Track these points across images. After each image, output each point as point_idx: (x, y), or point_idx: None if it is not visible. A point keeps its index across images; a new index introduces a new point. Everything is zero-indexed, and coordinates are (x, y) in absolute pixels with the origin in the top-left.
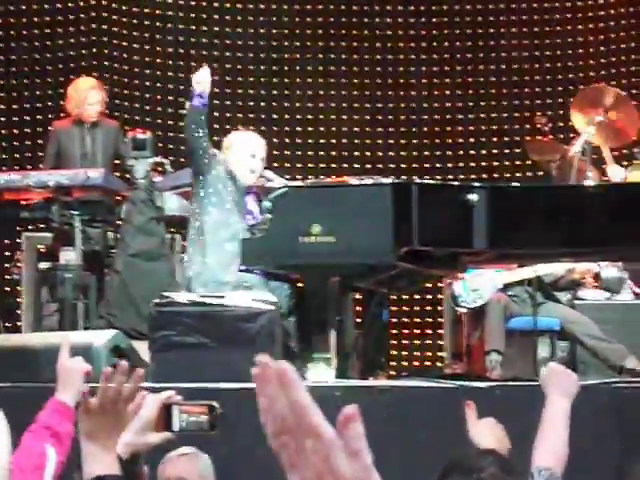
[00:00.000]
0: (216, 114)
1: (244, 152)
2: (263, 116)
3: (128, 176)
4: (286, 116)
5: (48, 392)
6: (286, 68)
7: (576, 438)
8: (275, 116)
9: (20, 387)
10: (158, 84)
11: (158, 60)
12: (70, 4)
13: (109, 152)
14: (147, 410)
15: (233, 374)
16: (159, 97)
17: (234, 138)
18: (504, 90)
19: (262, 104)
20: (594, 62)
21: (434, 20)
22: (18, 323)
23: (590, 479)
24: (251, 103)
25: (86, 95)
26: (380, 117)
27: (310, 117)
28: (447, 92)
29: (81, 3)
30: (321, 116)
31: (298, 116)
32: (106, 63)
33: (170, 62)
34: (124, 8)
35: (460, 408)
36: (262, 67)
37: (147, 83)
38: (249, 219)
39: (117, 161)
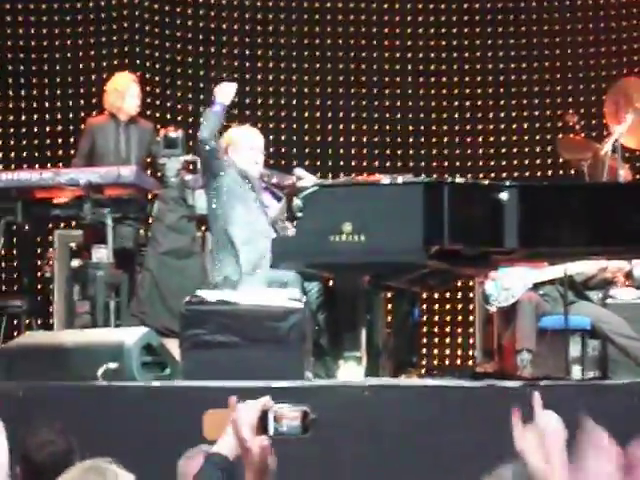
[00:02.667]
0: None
1: (244, 146)
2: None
3: (159, 174)
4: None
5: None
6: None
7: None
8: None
9: (53, 385)
10: (190, 82)
11: (189, 58)
12: (102, 2)
13: (143, 151)
14: (248, 416)
15: (263, 373)
16: (190, 95)
17: (232, 135)
18: (535, 88)
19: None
20: (627, 59)
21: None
22: (50, 321)
23: None
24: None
25: (127, 88)
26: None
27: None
28: (469, 90)
29: (113, 1)
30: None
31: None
32: (137, 62)
33: (201, 60)
34: (155, 7)
35: (491, 407)
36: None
37: (179, 82)
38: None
39: (149, 160)
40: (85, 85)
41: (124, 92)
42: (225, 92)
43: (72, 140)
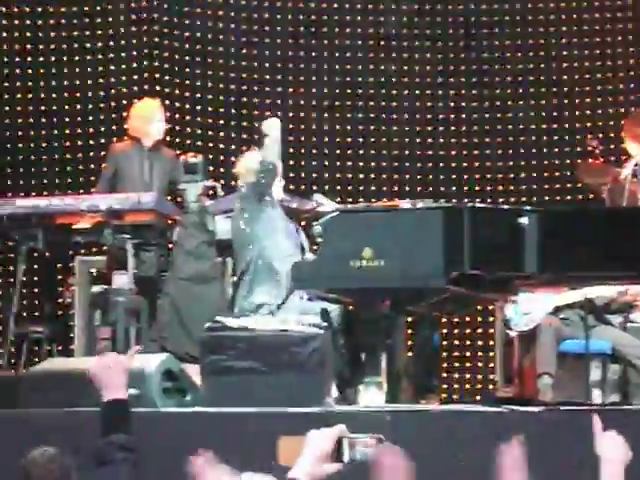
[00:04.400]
0: None
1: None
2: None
3: (180, 200)
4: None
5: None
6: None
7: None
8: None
9: (73, 412)
10: (209, 107)
11: (209, 84)
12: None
13: (165, 179)
14: (324, 443)
15: (285, 399)
16: (210, 120)
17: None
18: (554, 113)
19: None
20: None
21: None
22: (71, 347)
23: None
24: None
25: (154, 113)
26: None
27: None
28: (487, 114)
29: (133, 28)
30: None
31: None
32: (157, 88)
33: (221, 85)
34: (175, 32)
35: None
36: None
37: (197, 107)
38: None
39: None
40: (105, 111)
41: (151, 117)
42: (271, 127)
43: (92, 166)
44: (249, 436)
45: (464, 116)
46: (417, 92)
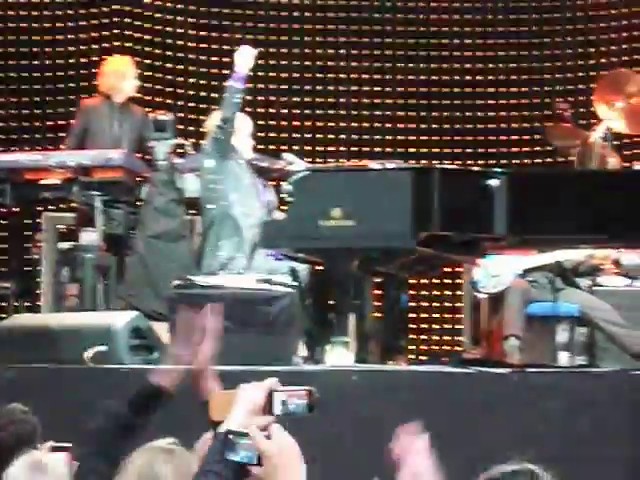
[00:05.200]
0: None
1: (244, 132)
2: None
3: (149, 157)
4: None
5: (66, 373)
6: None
7: (590, 424)
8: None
9: (39, 368)
10: (179, 65)
11: (179, 42)
12: None
13: (134, 135)
14: (256, 396)
15: (252, 357)
16: (180, 79)
17: (238, 119)
18: (524, 76)
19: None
20: (616, 48)
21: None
22: (38, 303)
23: (600, 466)
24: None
25: (127, 69)
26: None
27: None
28: (457, 77)
29: None
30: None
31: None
32: (127, 44)
33: (190, 44)
34: None
35: (478, 393)
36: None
37: (167, 65)
38: None
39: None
40: (75, 68)
41: (124, 73)
42: (246, 57)
43: (61, 123)
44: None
45: (435, 78)
46: (377, 52)
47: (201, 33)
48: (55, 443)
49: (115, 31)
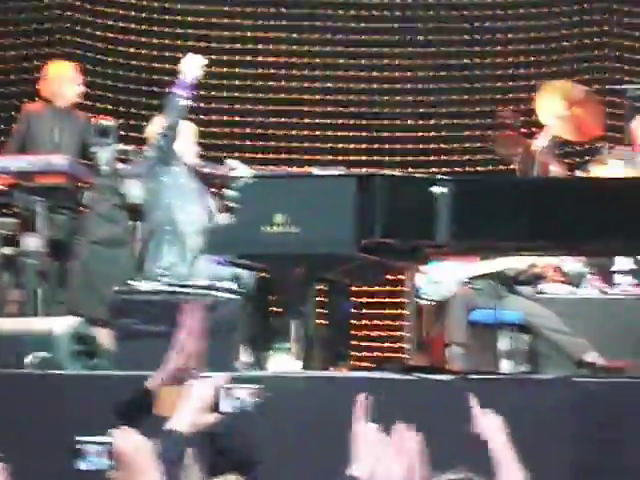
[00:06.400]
0: None
1: (188, 138)
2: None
3: (91, 163)
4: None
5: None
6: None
7: (533, 432)
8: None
9: None
10: (124, 72)
11: (130, 49)
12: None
13: (77, 141)
14: (204, 392)
15: None
16: (125, 85)
17: (181, 125)
18: (476, 84)
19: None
20: (558, 57)
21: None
22: None
23: (544, 475)
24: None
25: (70, 74)
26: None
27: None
28: (410, 85)
29: None
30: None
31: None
32: (75, 51)
33: (140, 50)
34: None
35: (420, 400)
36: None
37: (112, 71)
38: None
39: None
40: (21, 71)
41: (68, 78)
42: (192, 66)
43: (2, 127)
44: None
45: (387, 86)
46: (329, 61)
47: (142, 39)
48: None
49: (57, 35)
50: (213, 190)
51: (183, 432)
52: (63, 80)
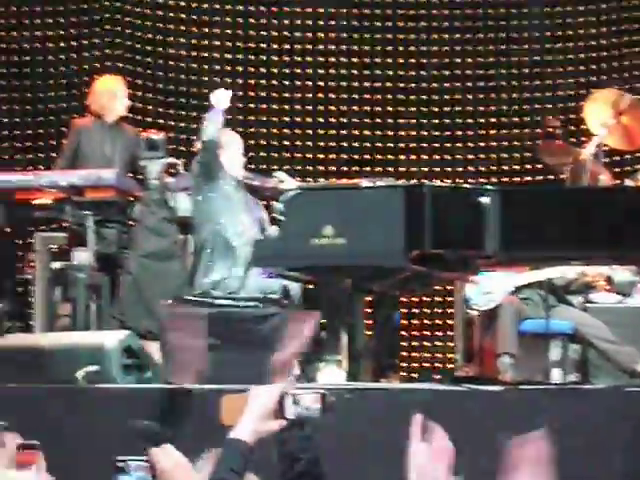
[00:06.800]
0: None
1: (235, 150)
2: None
3: (140, 177)
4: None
5: (58, 393)
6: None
7: (584, 442)
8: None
9: (32, 388)
10: (171, 86)
11: (170, 62)
12: (84, 5)
13: (127, 155)
14: (267, 399)
15: (244, 375)
16: (172, 99)
17: (227, 137)
18: (514, 95)
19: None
20: (606, 66)
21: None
22: (30, 323)
23: None
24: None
25: (118, 89)
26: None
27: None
28: (449, 97)
29: (96, 5)
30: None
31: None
32: (120, 65)
33: (183, 65)
34: (136, 10)
35: (471, 410)
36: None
37: (159, 85)
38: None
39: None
40: (69, 87)
41: (115, 93)
42: (220, 98)
43: (53, 142)
44: (207, 414)
45: (425, 97)
46: (367, 72)
47: (192, 53)
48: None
49: (107, 51)
50: (263, 202)
51: (247, 441)
52: (111, 94)
